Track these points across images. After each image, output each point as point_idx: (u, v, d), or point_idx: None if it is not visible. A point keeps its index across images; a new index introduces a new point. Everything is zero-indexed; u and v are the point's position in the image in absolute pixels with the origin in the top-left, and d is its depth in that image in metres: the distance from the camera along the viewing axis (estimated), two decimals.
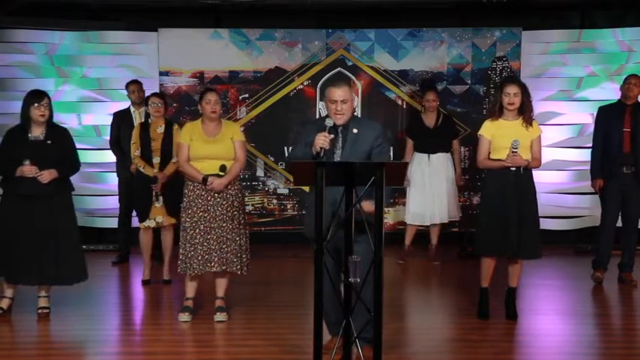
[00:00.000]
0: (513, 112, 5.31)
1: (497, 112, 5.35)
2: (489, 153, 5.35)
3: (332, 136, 4.26)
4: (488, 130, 5.35)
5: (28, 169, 5.28)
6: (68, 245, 5.45)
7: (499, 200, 5.26)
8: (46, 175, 5.30)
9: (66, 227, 5.46)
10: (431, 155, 7.49)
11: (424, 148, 7.52)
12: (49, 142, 5.39)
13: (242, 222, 5.38)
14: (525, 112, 5.30)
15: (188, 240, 5.30)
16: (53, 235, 5.38)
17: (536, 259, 5.45)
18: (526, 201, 5.28)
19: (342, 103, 4.34)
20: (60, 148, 5.43)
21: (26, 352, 4.78)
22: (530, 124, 5.30)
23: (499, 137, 5.28)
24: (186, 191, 5.39)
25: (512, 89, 5.28)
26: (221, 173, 5.28)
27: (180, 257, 5.35)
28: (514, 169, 5.25)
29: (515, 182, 5.25)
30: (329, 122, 4.30)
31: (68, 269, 5.45)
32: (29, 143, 5.36)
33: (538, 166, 5.38)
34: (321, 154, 4.20)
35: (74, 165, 5.58)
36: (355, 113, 4.54)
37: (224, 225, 5.28)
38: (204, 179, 5.25)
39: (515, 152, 5.18)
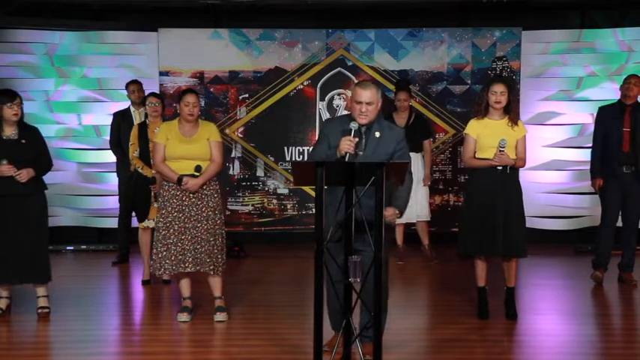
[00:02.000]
0: (499, 111, 5.31)
1: (482, 111, 5.35)
2: (475, 152, 5.36)
3: (357, 139, 4.26)
4: (474, 129, 5.36)
5: (6, 169, 5.27)
6: (40, 244, 5.45)
7: (485, 199, 5.27)
8: (24, 175, 5.29)
9: (38, 227, 5.45)
10: None
11: None
12: (23, 141, 5.38)
13: (217, 222, 5.36)
14: (511, 111, 5.30)
15: (161, 240, 5.29)
16: (26, 235, 5.37)
17: (522, 257, 5.46)
18: (512, 200, 5.29)
19: (368, 105, 4.33)
20: (34, 148, 5.43)
21: (26, 352, 4.77)
22: (516, 124, 5.30)
23: (485, 136, 5.28)
24: (161, 191, 5.39)
25: (498, 88, 5.27)
26: (196, 173, 5.28)
27: (153, 257, 5.36)
28: (500, 168, 5.25)
29: (501, 181, 5.26)
30: (354, 125, 4.27)
31: (39, 268, 5.45)
32: (3, 143, 5.35)
33: (523, 165, 5.39)
34: (346, 158, 4.20)
35: (48, 164, 5.56)
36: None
37: (198, 225, 5.28)
38: (179, 179, 5.25)
39: (503, 151, 5.18)
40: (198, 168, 5.28)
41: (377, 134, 4.40)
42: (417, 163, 7.53)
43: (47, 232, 5.57)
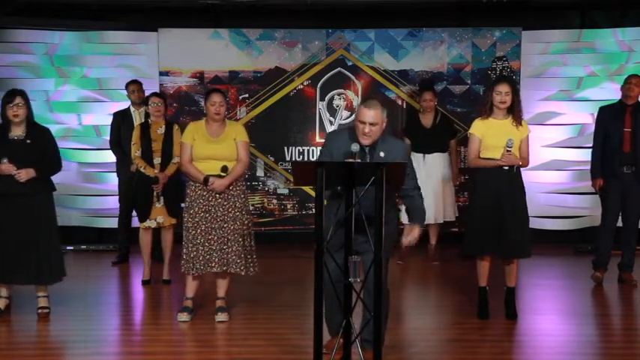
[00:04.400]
0: (503, 111, 5.31)
1: (487, 110, 5.35)
2: (479, 152, 5.36)
3: (359, 161, 4.20)
4: (479, 128, 5.36)
5: (5, 168, 5.25)
6: (47, 245, 5.42)
7: (490, 199, 5.27)
8: (23, 174, 5.27)
9: (45, 227, 5.43)
10: (426, 155, 7.47)
11: (420, 148, 7.51)
12: (28, 141, 5.36)
13: (245, 223, 5.36)
14: (515, 111, 5.30)
15: (190, 240, 5.30)
16: (33, 235, 5.36)
17: (526, 257, 5.46)
18: (517, 200, 5.30)
19: (371, 125, 4.27)
20: (40, 148, 5.39)
21: (26, 352, 4.77)
22: (520, 124, 5.31)
23: (490, 136, 5.28)
24: (188, 191, 5.39)
25: (503, 88, 5.28)
26: (223, 174, 5.27)
27: (184, 257, 5.35)
28: (507, 168, 5.26)
29: (507, 181, 5.26)
30: (355, 148, 4.15)
31: (48, 269, 5.43)
32: (8, 142, 5.33)
33: (526, 165, 5.39)
34: None
35: (54, 165, 5.51)
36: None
37: (225, 226, 5.28)
38: (206, 180, 5.25)
39: (510, 151, 5.19)
40: (224, 168, 5.27)
41: (382, 154, 4.34)
42: (444, 164, 7.55)
43: (56, 233, 5.54)
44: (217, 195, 5.29)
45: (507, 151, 5.19)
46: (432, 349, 4.88)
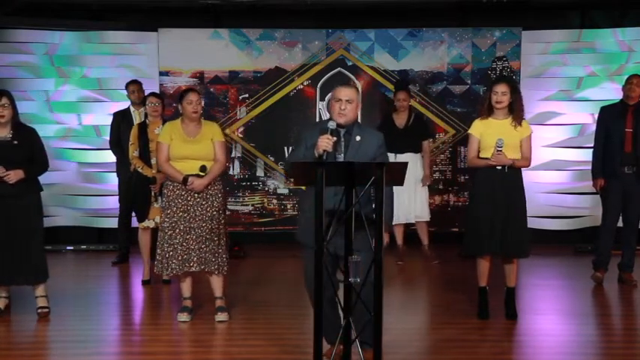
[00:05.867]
0: (503, 110, 5.31)
1: (486, 110, 5.35)
2: (479, 152, 5.36)
3: (335, 138, 4.22)
4: (477, 128, 5.36)
5: None
6: (34, 246, 5.41)
7: (487, 199, 5.27)
8: (12, 176, 5.25)
9: (33, 228, 5.41)
10: (398, 155, 7.34)
11: (392, 147, 7.40)
12: (15, 142, 5.33)
13: (222, 222, 5.38)
14: (515, 111, 5.30)
15: (166, 240, 5.29)
16: (20, 236, 5.34)
17: (524, 257, 5.46)
18: (514, 200, 5.29)
19: (347, 102, 4.30)
20: (27, 149, 5.37)
21: (26, 352, 4.76)
22: (520, 124, 5.30)
23: (487, 136, 5.28)
24: (165, 191, 5.39)
25: (500, 88, 5.27)
26: (201, 173, 5.28)
27: (158, 258, 5.35)
28: (500, 167, 5.26)
29: (502, 181, 5.26)
30: (332, 125, 4.22)
31: (32, 270, 5.42)
32: None
33: (527, 165, 5.38)
34: (324, 157, 4.18)
35: (42, 165, 5.49)
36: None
37: (203, 225, 5.28)
38: (185, 179, 5.25)
39: (500, 151, 5.18)
40: (203, 168, 5.28)
41: (357, 138, 4.36)
42: (417, 164, 7.51)
43: (42, 233, 5.52)
44: (196, 195, 5.29)
45: (498, 151, 5.19)
46: (432, 349, 4.88)
